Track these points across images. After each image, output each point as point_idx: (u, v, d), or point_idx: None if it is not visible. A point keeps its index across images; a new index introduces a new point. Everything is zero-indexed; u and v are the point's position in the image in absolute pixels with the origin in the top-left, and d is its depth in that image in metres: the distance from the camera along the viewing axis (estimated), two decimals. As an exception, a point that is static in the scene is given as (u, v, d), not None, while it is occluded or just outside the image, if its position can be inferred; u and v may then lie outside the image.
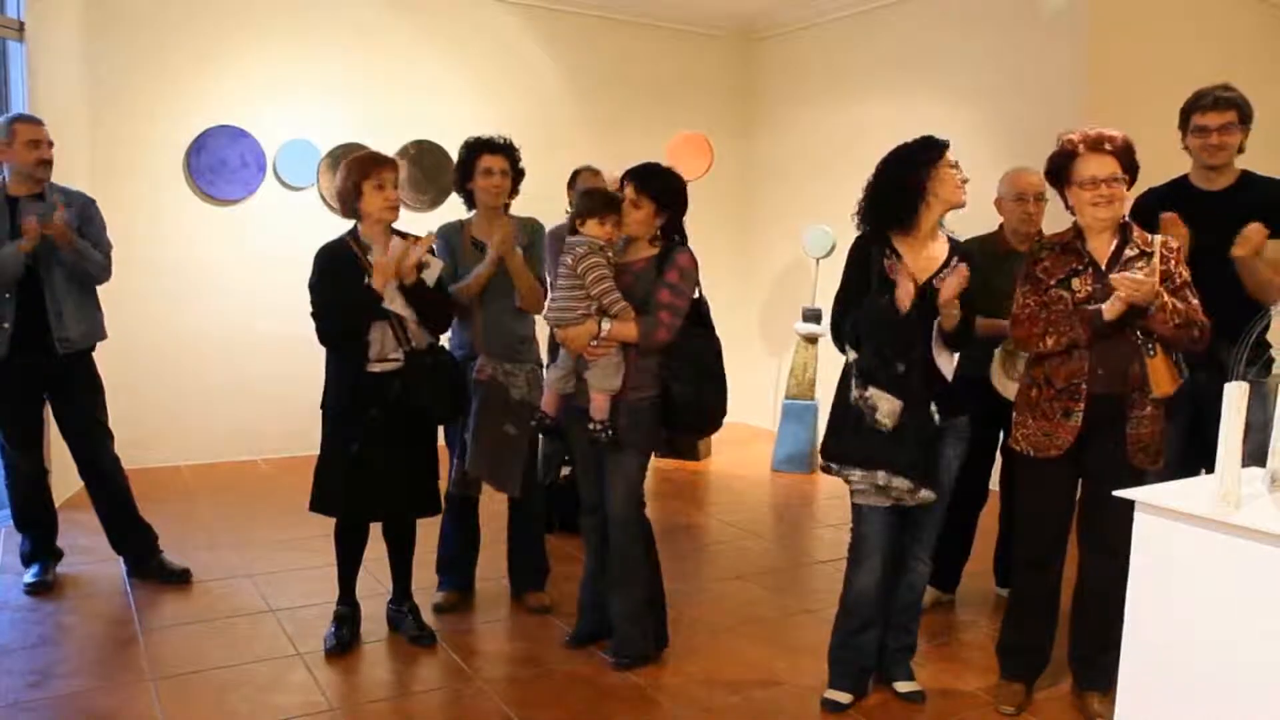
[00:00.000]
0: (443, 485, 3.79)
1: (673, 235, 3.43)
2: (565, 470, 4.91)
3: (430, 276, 3.46)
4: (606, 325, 3.26)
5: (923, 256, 3.12)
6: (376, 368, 3.43)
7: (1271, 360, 3.39)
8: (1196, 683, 1.80)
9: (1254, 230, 3.23)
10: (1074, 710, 3.25)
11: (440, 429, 3.92)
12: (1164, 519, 1.86)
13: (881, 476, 3.03)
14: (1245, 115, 3.44)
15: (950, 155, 3.07)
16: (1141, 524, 1.90)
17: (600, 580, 3.60)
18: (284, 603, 4.02)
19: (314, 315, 3.44)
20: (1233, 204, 3.38)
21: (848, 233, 3.29)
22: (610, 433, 3.30)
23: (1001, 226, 4.05)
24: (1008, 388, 3.63)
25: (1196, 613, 1.80)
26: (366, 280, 3.35)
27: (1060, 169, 3.06)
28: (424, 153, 6.84)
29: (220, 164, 6.24)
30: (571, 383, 3.41)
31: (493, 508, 4.12)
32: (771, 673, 3.53)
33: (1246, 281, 3.32)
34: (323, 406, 3.54)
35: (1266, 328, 3.33)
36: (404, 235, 3.49)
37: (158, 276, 6.11)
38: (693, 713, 3.21)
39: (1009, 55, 6.03)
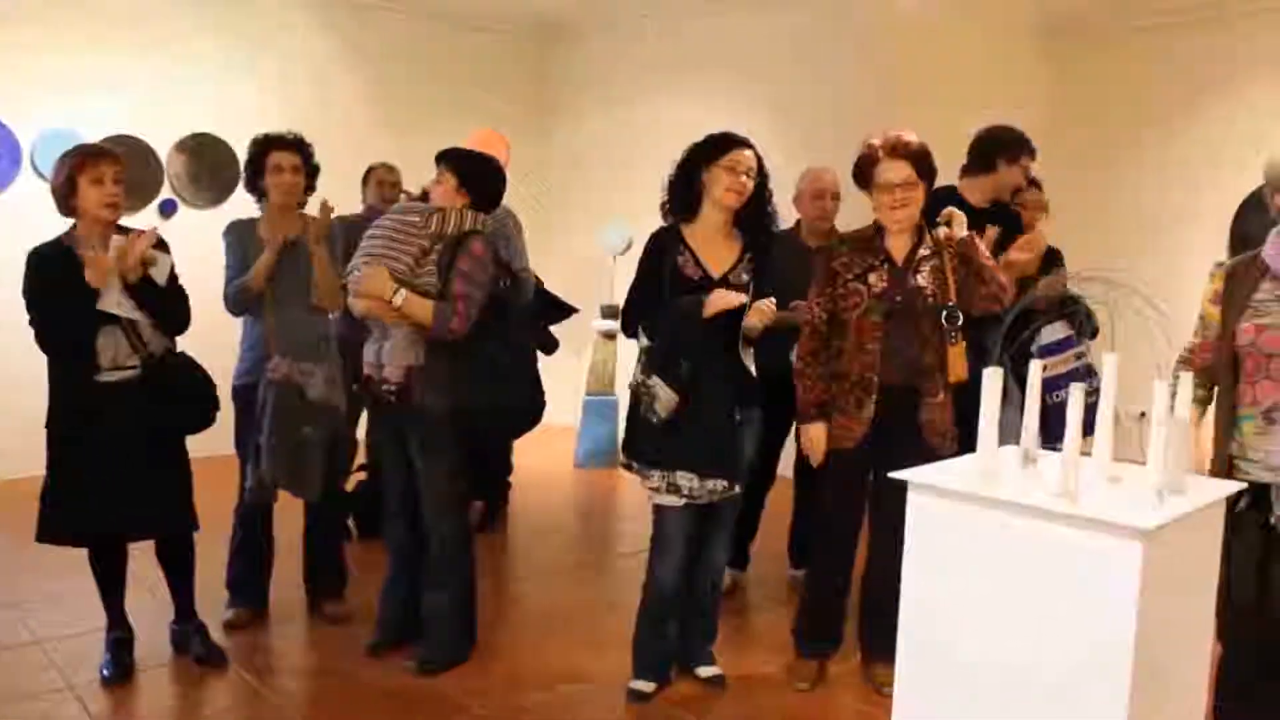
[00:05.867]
0: (207, 497, 3.60)
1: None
2: (362, 475, 4.81)
3: (159, 274, 3.25)
4: (401, 296, 3.18)
5: (714, 251, 3.23)
6: (110, 377, 3.19)
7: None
8: (964, 645, 1.95)
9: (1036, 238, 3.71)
10: (862, 681, 3.44)
11: (232, 434, 3.77)
12: (930, 496, 2.00)
13: (682, 476, 3.12)
14: None
15: (740, 157, 3.17)
16: (913, 502, 2.04)
17: (402, 585, 3.54)
18: (51, 632, 3.71)
19: (32, 324, 3.16)
20: (993, 221, 3.75)
21: (644, 229, 3.36)
22: (397, 396, 3.25)
23: (799, 223, 4.26)
24: None
25: (961, 581, 1.95)
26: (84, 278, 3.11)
27: (863, 173, 3.23)
28: (204, 146, 6.46)
29: (-36, 154, 5.68)
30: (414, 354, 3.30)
31: (285, 515, 3.94)
32: (578, 667, 3.55)
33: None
34: (47, 425, 3.25)
35: (1021, 316, 3.69)
36: (127, 231, 3.27)
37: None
38: (501, 713, 3.20)
39: (810, 61, 6.26)
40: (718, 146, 3.18)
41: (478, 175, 3.42)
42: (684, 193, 3.23)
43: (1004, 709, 1.90)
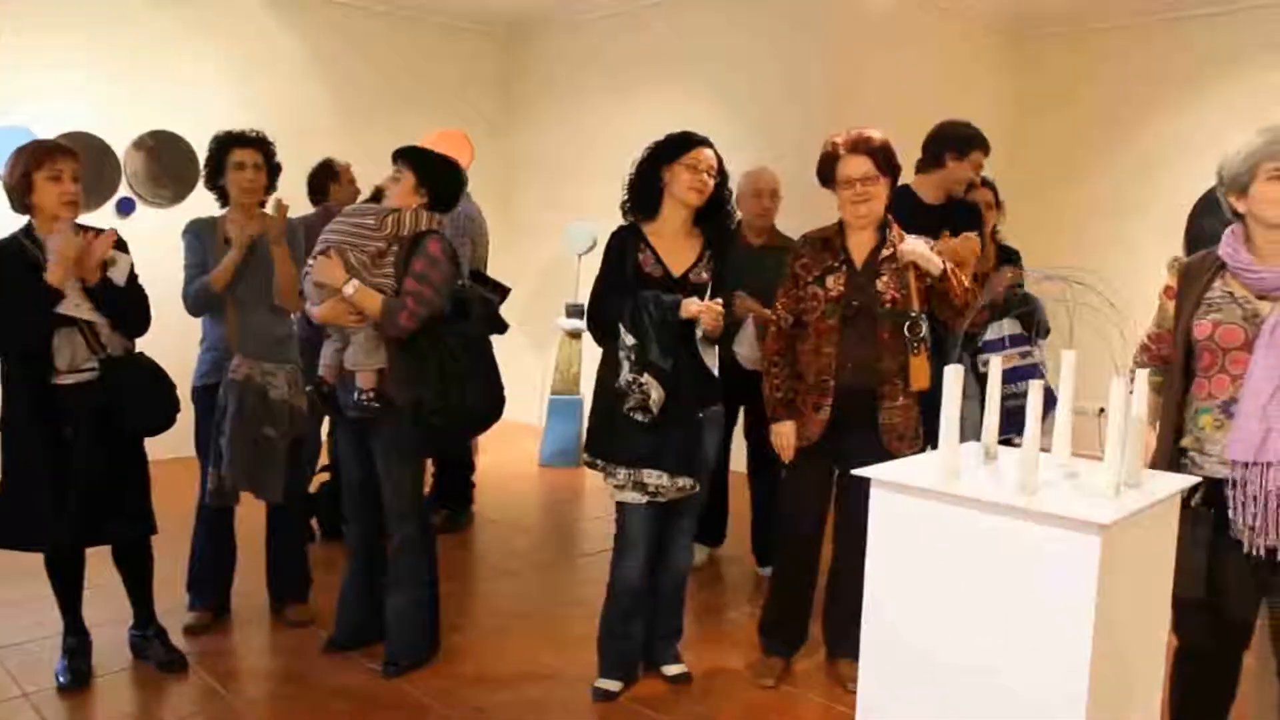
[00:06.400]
0: (168, 499, 3.55)
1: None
2: (324, 475, 4.76)
3: (118, 275, 3.20)
4: (352, 286, 3.16)
5: (675, 250, 3.23)
6: (68, 379, 3.13)
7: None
8: (928, 640, 1.96)
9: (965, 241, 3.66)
10: (827, 678, 3.46)
11: (193, 436, 3.70)
12: (894, 493, 2.01)
13: (650, 474, 3.12)
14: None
15: (701, 156, 3.17)
16: (876, 499, 2.04)
17: (362, 586, 3.53)
18: (5, 638, 3.63)
19: None
20: (947, 217, 3.77)
21: (608, 229, 3.36)
22: (379, 402, 3.24)
23: (739, 223, 4.28)
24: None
25: (924, 577, 1.97)
26: (44, 278, 3.05)
27: (826, 171, 3.24)
28: (163, 144, 6.36)
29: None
30: (381, 357, 3.27)
31: (248, 517, 3.90)
32: (542, 666, 3.54)
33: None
34: (1, 428, 3.18)
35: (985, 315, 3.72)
36: (83, 229, 3.21)
37: None
38: (464, 713, 3.18)
39: (771, 59, 6.28)
40: (679, 145, 3.19)
41: (436, 174, 3.37)
42: (645, 191, 3.23)
43: (967, 702, 1.92)
